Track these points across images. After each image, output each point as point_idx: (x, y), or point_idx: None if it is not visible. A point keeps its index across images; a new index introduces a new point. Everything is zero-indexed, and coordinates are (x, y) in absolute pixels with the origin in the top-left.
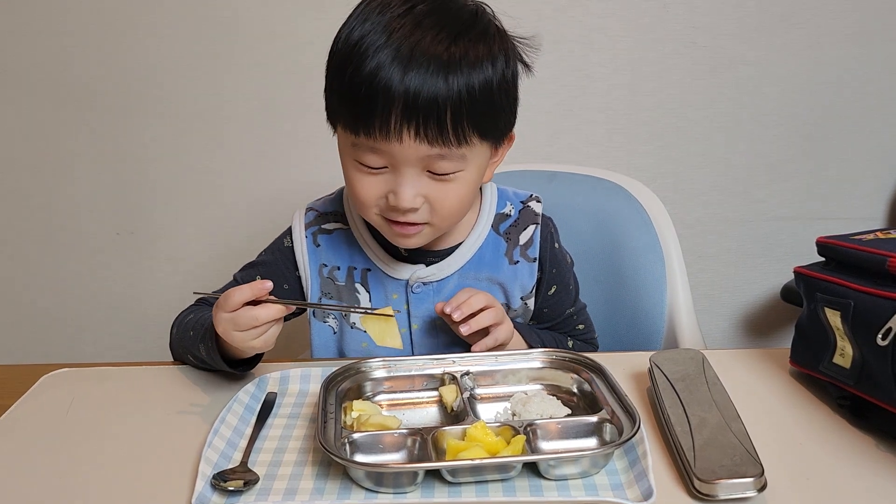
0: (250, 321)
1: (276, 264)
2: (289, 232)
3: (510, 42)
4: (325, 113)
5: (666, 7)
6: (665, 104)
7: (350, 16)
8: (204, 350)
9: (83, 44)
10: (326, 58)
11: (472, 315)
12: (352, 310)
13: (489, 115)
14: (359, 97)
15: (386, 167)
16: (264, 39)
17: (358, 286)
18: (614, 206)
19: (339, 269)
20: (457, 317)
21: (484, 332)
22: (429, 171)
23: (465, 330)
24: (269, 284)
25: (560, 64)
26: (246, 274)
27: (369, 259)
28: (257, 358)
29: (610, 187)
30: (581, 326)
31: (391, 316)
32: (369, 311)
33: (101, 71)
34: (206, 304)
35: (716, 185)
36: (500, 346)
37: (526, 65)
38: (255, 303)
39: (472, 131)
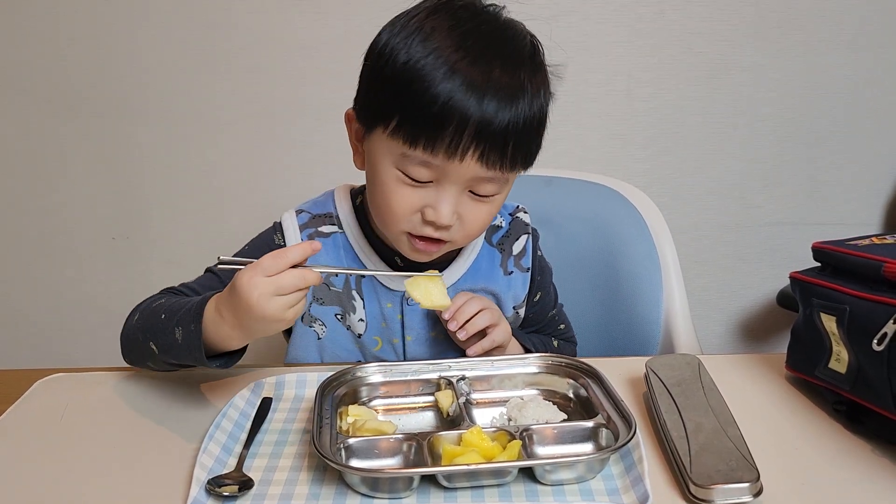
0: (297, 281)
1: None
2: (277, 229)
3: (547, 71)
4: (322, 118)
5: (662, 13)
6: (661, 109)
7: (396, 28)
8: (181, 334)
9: (78, 47)
10: (324, 59)
11: (469, 320)
12: (394, 274)
13: (536, 143)
14: (429, 115)
15: (430, 182)
16: (260, 43)
17: (354, 293)
18: (611, 212)
19: (336, 274)
20: (452, 327)
21: (481, 334)
22: (471, 191)
23: (461, 335)
24: (318, 245)
25: (557, 69)
26: (227, 270)
27: (365, 267)
28: (239, 353)
29: (606, 192)
30: (562, 326)
31: (438, 276)
32: (412, 274)
33: (97, 75)
34: (171, 293)
35: (712, 190)
36: (498, 349)
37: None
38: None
39: (522, 159)
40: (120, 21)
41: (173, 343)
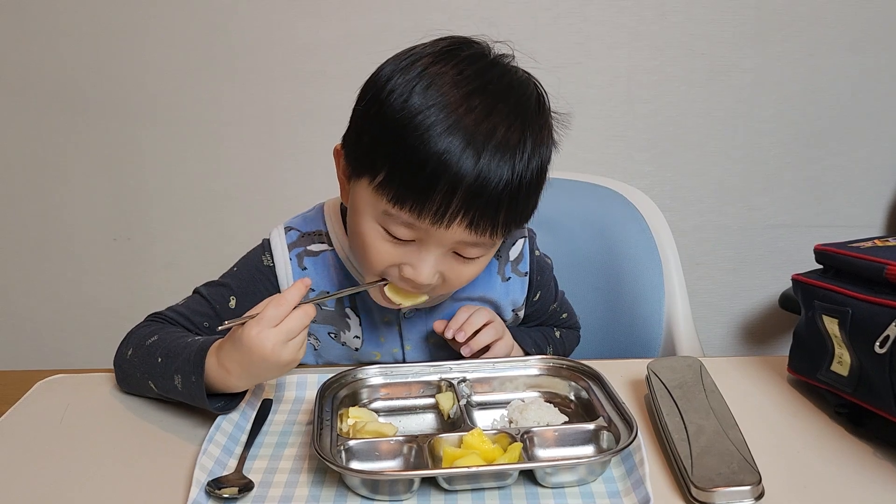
0: (302, 322)
1: (252, 284)
2: (266, 249)
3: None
4: (322, 120)
5: (664, 15)
6: (663, 111)
7: (400, 66)
8: (181, 382)
9: (80, 49)
10: (326, 62)
11: (474, 333)
12: (357, 290)
13: (533, 203)
14: (420, 175)
15: (413, 241)
16: (262, 46)
17: (348, 311)
18: (612, 213)
19: (327, 293)
20: (461, 338)
21: (484, 348)
22: (455, 252)
23: (466, 352)
24: (309, 280)
25: (558, 72)
26: (216, 292)
27: (358, 283)
28: (242, 394)
29: (608, 194)
30: (564, 315)
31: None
32: (367, 285)
33: (98, 76)
34: (159, 320)
35: (713, 192)
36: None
37: (555, 142)
38: None
39: (514, 223)
40: (122, 23)
41: (173, 388)
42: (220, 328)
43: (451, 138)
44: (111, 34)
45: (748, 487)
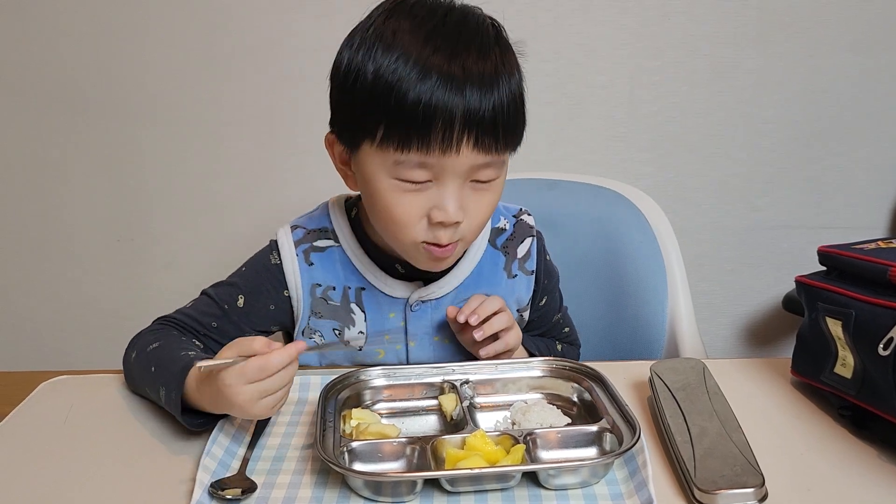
0: (282, 381)
1: (259, 283)
2: (273, 248)
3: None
4: (323, 120)
5: (666, 16)
6: (665, 112)
7: (355, 45)
8: (164, 395)
9: (80, 49)
10: (327, 63)
11: (486, 320)
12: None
13: (521, 122)
14: (414, 119)
15: (429, 181)
16: (263, 45)
17: (353, 307)
18: (615, 215)
19: (334, 289)
20: (473, 321)
21: (493, 336)
22: (472, 181)
23: (478, 335)
24: (303, 345)
25: (560, 72)
26: (223, 292)
27: (364, 278)
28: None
29: (610, 196)
30: (566, 329)
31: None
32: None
33: (100, 77)
34: (168, 324)
35: (716, 193)
36: (507, 352)
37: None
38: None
39: (514, 137)
40: (122, 23)
41: (158, 399)
42: (201, 367)
43: (430, 76)
44: (112, 34)
45: (751, 490)
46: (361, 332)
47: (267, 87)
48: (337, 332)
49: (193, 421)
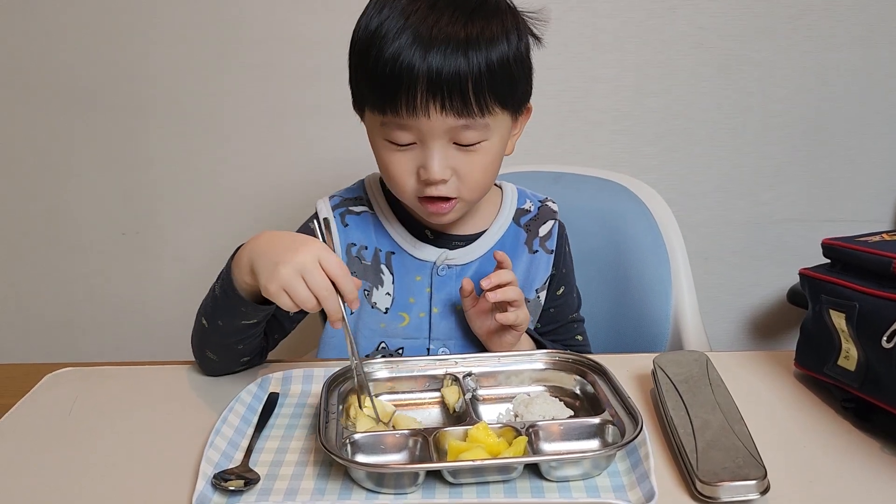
0: (322, 283)
1: None
2: (314, 217)
3: (520, 17)
4: (331, 116)
5: (673, 9)
6: (671, 106)
7: (368, 5)
8: (219, 286)
9: (88, 45)
10: (334, 57)
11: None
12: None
13: (508, 85)
14: (383, 79)
15: (415, 143)
16: (270, 40)
17: (383, 267)
18: (620, 208)
19: (366, 248)
20: (485, 285)
21: (503, 309)
22: (455, 143)
23: (492, 296)
24: (359, 282)
25: (566, 65)
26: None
27: (394, 241)
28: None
29: (615, 188)
30: (580, 337)
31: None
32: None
33: (106, 72)
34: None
35: (721, 186)
36: (514, 329)
37: (536, 37)
38: None
39: (494, 101)
40: (129, 19)
41: (213, 300)
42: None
43: (400, 39)
44: (119, 30)
45: (754, 482)
46: (388, 294)
47: (275, 82)
48: (366, 292)
49: (243, 302)
